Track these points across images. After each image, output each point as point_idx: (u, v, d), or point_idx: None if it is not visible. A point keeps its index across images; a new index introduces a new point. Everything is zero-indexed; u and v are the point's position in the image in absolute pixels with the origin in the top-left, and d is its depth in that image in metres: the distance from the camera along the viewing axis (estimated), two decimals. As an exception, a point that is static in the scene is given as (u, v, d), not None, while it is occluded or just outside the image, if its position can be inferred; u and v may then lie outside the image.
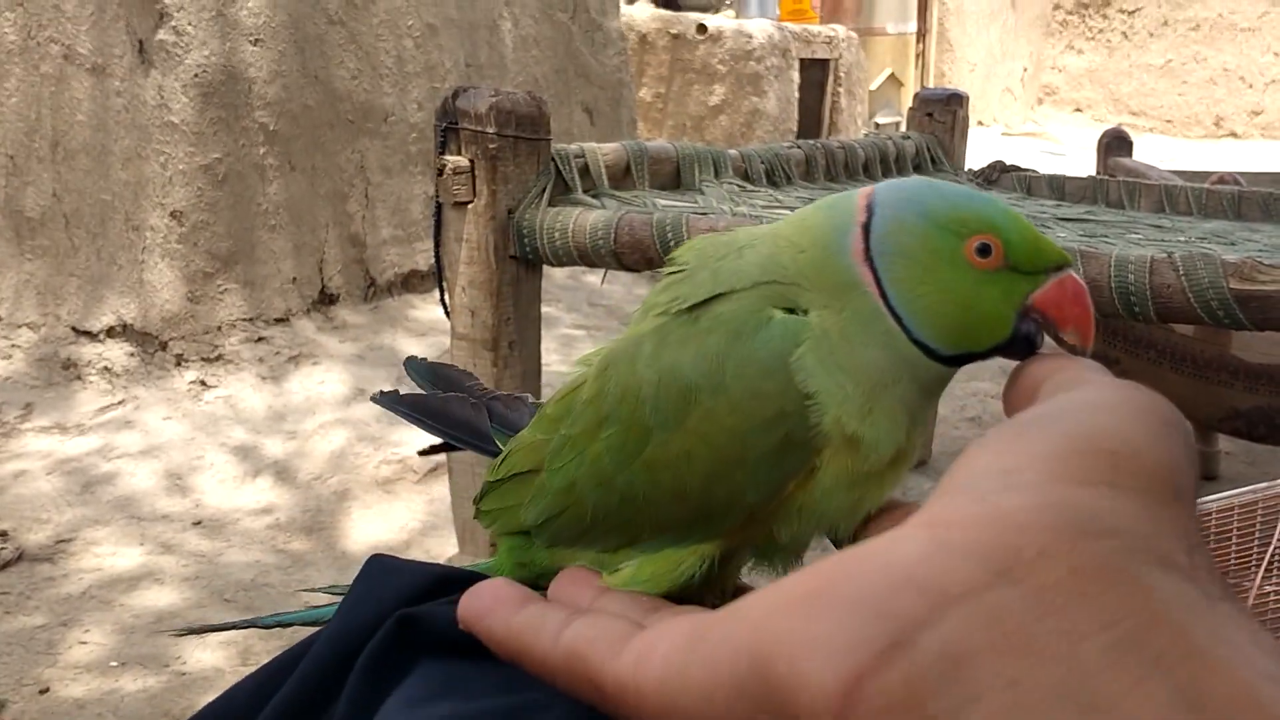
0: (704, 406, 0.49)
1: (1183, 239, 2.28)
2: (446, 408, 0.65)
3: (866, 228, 0.48)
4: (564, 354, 4.24)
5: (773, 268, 0.50)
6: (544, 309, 2.35)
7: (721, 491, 0.48)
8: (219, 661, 2.40)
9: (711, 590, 0.52)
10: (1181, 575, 0.25)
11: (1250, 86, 14.21)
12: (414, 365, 0.70)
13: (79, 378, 3.73)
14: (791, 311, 0.49)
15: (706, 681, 0.28)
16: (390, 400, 0.66)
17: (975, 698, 0.23)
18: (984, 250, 0.46)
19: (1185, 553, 0.26)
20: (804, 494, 0.49)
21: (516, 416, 0.65)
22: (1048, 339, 0.48)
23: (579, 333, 4.64)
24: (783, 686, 0.26)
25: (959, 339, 0.48)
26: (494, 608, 0.41)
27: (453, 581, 0.56)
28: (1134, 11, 14.77)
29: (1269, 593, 1.34)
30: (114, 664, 2.39)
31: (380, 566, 0.56)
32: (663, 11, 7.14)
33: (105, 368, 3.75)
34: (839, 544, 0.53)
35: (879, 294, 0.47)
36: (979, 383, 4.24)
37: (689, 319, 0.50)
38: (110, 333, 3.82)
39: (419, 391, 0.68)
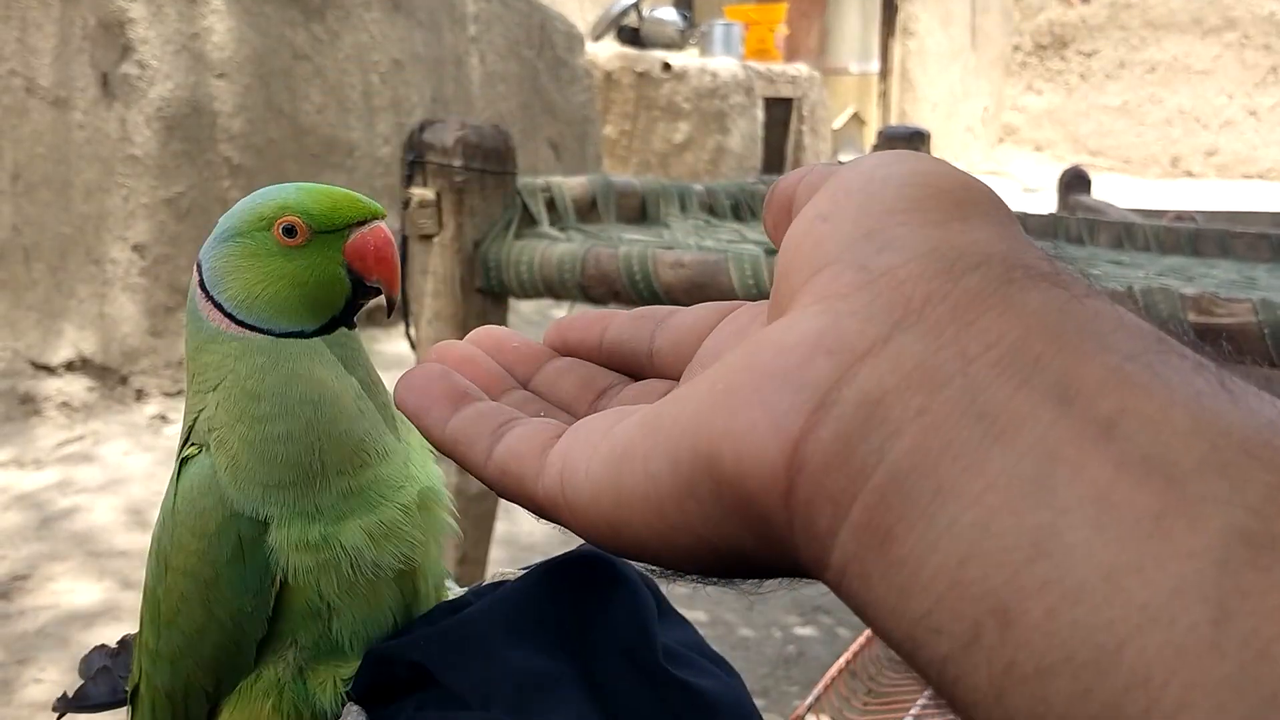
0: (173, 546, 0.51)
1: (1142, 274, 2.31)
2: (97, 686, 0.66)
3: (202, 283, 0.52)
4: (529, 388, 4.22)
5: (196, 407, 0.55)
6: (510, 342, 2.33)
7: (222, 611, 0.50)
8: (178, 700, 2.36)
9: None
10: (1050, 282, 0.27)
11: (1205, 127, 14.47)
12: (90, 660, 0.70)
13: (37, 412, 3.68)
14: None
15: (649, 495, 0.30)
16: (69, 707, 0.66)
17: (894, 431, 0.26)
18: (289, 231, 0.50)
19: (1047, 261, 0.28)
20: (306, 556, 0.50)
21: None
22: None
23: (545, 367, 4.61)
24: (733, 477, 0.28)
25: (312, 312, 0.51)
26: (428, 408, 0.38)
27: None
28: (1091, 54, 15.02)
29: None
30: (70, 703, 2.34)
31: None
32: (628, 49, 7.19)
33: (64, 402, 3.70)
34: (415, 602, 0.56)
35: (231, 323, 0.51)
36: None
37: None
38: (70, 366, 3.78)
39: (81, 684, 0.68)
